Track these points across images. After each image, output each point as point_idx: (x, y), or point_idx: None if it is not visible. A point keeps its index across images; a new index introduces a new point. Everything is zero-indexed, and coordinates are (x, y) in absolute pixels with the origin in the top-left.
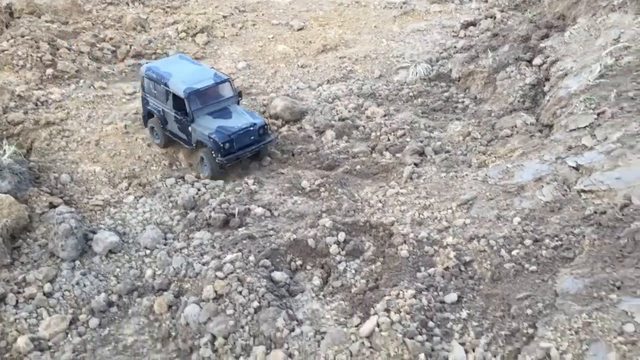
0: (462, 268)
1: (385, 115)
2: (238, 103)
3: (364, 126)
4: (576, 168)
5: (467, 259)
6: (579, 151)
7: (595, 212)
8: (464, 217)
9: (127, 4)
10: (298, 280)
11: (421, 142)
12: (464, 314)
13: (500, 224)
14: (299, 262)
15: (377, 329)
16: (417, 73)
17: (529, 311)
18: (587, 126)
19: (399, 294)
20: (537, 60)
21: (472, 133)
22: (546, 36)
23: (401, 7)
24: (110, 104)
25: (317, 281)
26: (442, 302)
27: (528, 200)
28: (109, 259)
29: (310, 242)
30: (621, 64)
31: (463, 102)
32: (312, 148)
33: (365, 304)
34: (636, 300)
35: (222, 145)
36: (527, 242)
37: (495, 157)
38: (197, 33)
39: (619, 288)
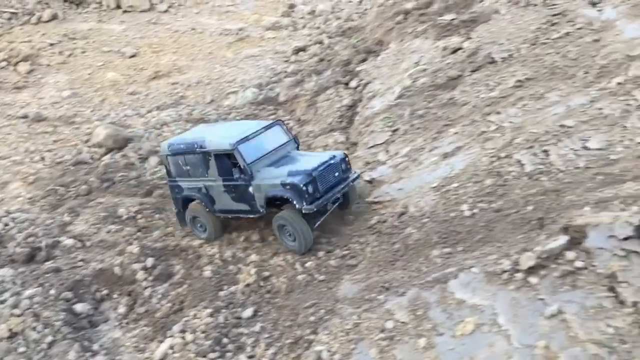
0: (262, 283)
1: None
2: (297, 149)
3: None
4: (370, 182)
5: (267, 274)
6: (374, 166)
7: (378, 222)
8: (271, 233)
9: None
10: (103, 310)
11: None
12: (257, 327)
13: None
14: (104, 292)
15: (170, 351)
16: (245, 97)
17: (312, 318)
18: (383, 143)
19: (195, 314)
20: (353, 83)
21: None
22: (364, 60)
23: (237, 34)
24: None
25: (122, 309)
26: (239, 317)
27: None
28: None
29: (117, 270)
30: (417, 85)
31: (288, 124)
32: (133, 175)
33: (167, 328)
34: (399, 298)
35: (304, 188)
36: (320, 253)
37: None
38: (19, 62)
39: (387, 289)
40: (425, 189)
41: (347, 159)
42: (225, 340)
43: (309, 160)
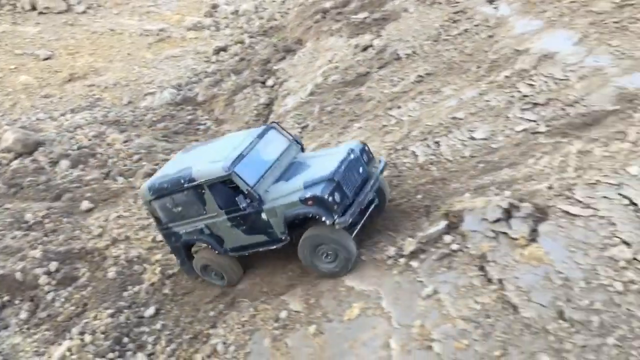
0: (166, 281)
1: (126, 141)
2: (302, 151)
3: (102, 153)
4: None
5: (171, 272)
6: None
7: None
8: None
9: None
10: (4, 317)
11: (156, 165)
12: (159, 325)
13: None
14: (5, 298)
15: (67, 353)
16: (163, 98)
17: (212, 313)
18: None
19: (96, 315)
20: (269, 82)
21: None
22: (283, 59)
23: (157, 34)
24: None
25: (23, 315)
26: (141, 317)
27: None
28: None
29: (18, 275)
30: (328, 82)
31: (205, 123)
32: (42, 180)
33: (67, 331)
34: (294, 289)
35: (329, 198)
36: None
37: None
38: None
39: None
40: None
41: (366, 148)
42: (125, 339)
43: (323, 163)
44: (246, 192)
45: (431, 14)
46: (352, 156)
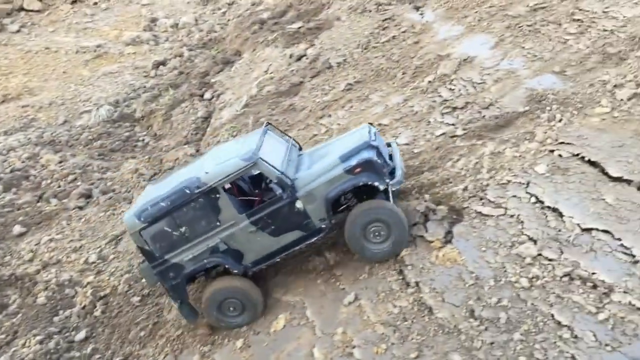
0: (97, 304)
1: (60, 162)
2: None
3: (35, 175)
4: None
5: (103, 294)
6: None
7: None
8: (112, 252)
9: None
10: None
11: (92, 184)
12: (89, 349)
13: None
14: None
15: None
16: (99, 116)
17: (142, 333)
18: None
19: (25, 343)
20: (207, 95)
21: (140, 170)
22: (221, 71)
23: (95, 51)
24: None
25: None
26: (72, 341)
27: None
28: None
29: None
30: (263, 93)
31: (144, 140)
32: None
33: None
34: None
35: (378, 160)
36: None
37: None
38: None
39: None
40: None
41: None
42: None
43: (344, 144)
44: (278, 180)
45: (362, 21)
46: (374, 129)
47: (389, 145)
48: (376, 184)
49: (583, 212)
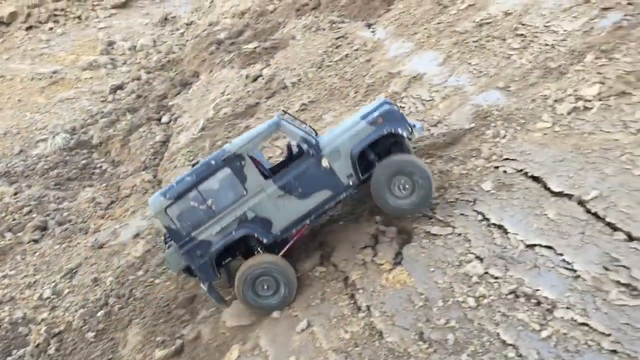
0: (51, 341)
1: (15, 194)
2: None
3: None
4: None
5: (57, 330)
6: None
7: None
8: (66, 286)
9: None
10: None
11: (48, 215)
12: None
13: (96, 287)
14: None
15: None
16: (55, 144)
17: None
18: None
19: None
20: (164, 119)
21: (97, 198)
22: (179, 93)
23: (50, 77)
24: None
25: None
26: None
27: (124, 258)
28: None
29: None
30: (219, 115)
31: (102, 167)
32: None
33: None
34: (176, 340)
35: (398, 110)
36: (112, 300)
37: (111, 219)
38: None
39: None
40: None
41: None
42: None
43: (361, 111)
44: (299, 140)
45: (316, 40)
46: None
47: None
48: (399, 130)
49: (527, 228)
